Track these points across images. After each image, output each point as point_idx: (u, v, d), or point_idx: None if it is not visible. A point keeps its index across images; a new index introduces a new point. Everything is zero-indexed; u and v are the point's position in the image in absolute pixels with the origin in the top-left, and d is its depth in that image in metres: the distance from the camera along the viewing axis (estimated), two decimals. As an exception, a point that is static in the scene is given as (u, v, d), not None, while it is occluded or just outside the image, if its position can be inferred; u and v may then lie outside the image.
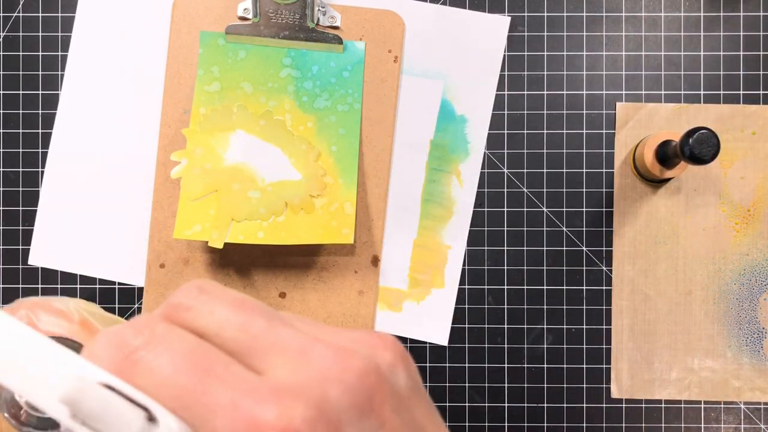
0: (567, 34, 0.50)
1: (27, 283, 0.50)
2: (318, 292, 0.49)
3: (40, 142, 0.50)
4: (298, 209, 0.48)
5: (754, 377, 0.50)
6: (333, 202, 0.48)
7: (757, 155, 0.50)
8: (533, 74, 0.50)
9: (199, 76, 0.49)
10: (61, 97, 0.50)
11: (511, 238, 0.50)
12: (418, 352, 0.50)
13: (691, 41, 0.50)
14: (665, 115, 0.50)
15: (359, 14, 0.49)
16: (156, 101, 0.50)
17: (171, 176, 0.47)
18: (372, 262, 0.49)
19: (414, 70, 0.50)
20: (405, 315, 0.50)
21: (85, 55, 0.50)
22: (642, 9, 0.50)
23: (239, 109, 0.48)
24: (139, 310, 0.50)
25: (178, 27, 0.49)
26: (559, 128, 0.50)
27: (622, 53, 0.50)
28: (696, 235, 0.50)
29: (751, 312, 0.50)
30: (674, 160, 0.45)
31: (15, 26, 0.50)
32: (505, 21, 0.50)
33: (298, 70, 0.49)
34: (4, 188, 0.50)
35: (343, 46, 0.49)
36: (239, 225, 0.47)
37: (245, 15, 0.49)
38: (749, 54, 0.50)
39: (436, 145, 0.50)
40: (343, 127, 0.49)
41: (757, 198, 0.50)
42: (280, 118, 0.49)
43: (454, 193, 0.50)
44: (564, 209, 0.50)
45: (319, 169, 0.48)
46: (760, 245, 0.50)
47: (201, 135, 0.48)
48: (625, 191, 0.50)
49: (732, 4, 0.50)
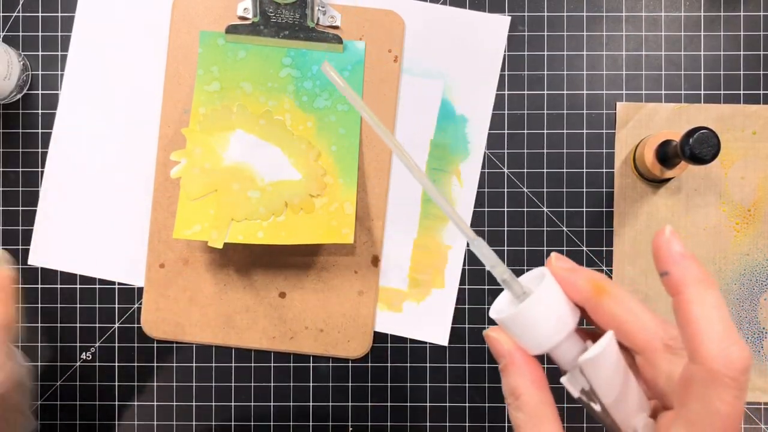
0: (567, 34, 0.50)
1: (27, 283, 0.50)
2: (318, 292, 0.49)
3: (40, 142, 0.50)
4: (298, 209, 0.47)
5: (754, 377, 0.50)
6: (333, 201, 0.48)
7: (758, 155, 0.50)
8: (533, 74, 0.50)
9: (198, 76, 0.49)
10: (60, 97, 0.50)
11: (511, 238, 0.50)
12: (418, 352, 0.50)
13: (691, 41, 0.50)
14: (665, 114, 0.50)
15: (359, 14, 0.49)
16: (156, 101, 0.50)
17: (171, 176, 0.47)
18: (372, 262, 0.49)
19: (414, 69, 0.50)
20: (405, 315, 0.50)
21: (85, 55, 0.50)
22: (642, 9, 0.50)
23: (239, 109, 0.48)
24: (139, 310, 0.50)
25: (178, 27, 0.49)
26: (560, 128, 0.50)
27: (622, 53, 0.50)
28: (696, 235, 0.50)
29: (752, 312, 0.50)
30: (674, 160, 0.45)
31: (15, 26, 0.50)
32: (505, 21, 0.50)
33: (298, 70, 0.49)
34: (3, 188, 0.50)
35: (343, 45, 0.49)
36: (239, 225, 0.47)
37: (245, 15, 0.49)
38: (749, 54, 0.50)
39: (436, 145, 0.50)
40: (343, 127, 0.49)
41: (757, 198, 0.50)
42: (280, 117, 0.48)
43: (454, 193, 0.50)
44: (564, 209, 0.50)
45: (319, 169, 0.48)
46: (760, 245, 0.50)
47: (200, 135, 0.48)
48: (626, 191, 0.50)
49: (732, 4, 0.50)
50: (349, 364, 0.50)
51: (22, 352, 0.47)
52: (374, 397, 0.50)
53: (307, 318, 0.49)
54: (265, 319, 0.49)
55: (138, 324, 0.50)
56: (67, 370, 0.50)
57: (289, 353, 0.50)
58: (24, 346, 0.50)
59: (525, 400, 0.27)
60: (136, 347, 0.50)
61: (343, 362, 0.50)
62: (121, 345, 0.50)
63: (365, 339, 0.50)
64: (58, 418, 0.50)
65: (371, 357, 0.50)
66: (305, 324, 0.49)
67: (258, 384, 0.50)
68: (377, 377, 0.50)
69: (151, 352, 0.50)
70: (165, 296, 0.49)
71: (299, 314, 0.49)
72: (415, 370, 0.50)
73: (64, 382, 0.50)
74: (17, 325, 0.39)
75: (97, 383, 0.50)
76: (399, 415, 0.50)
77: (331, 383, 0.50)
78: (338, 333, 0.50)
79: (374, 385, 0.50)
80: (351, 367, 0.50)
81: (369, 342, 0.50)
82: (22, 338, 0.50)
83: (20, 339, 0.50)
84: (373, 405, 0.50)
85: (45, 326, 0.50)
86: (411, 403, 0.50)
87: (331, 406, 0.50)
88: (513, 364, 0.27)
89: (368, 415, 0.50)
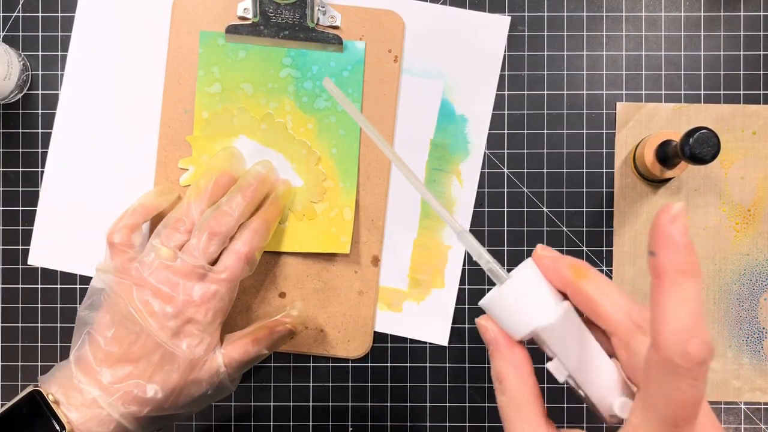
0: (567, 34, 0.50)
1: (27, 283, 0.50)
2: (318, 292, 0.49)
3: (39, 142, 0.50)
4: (301, 215, 0.48)
5: (754, 377, 0.50)
6: (333, 207, 0.48)
7: (758, 155, 0.50)
8: (533, 74, 0.50)
9: (199, 77, 0.49)
10: (60, 97, 0.50)
11: (511, 238, 0.50)
12: (418, 352, 0.50)
13: (691, 41, 0.50)
14: (665, 114, 0.50)
15: (359, 14, 0.49)
16: (156, 101, 0.50)
17: (180, 183, 0.49)
18: (372, 262, 0.49)
19: (414, 69, 0.50)
20: (405, 315, 0.50)
21: (85, 55, 0.50)
22: (642, 9, 0.50)
23: (240, 112, 0.48)
24: (139, 310, 0.50)
25: (178, 27, 0.49)
26: (560, 128, 0.50)
27: (622, 53, 0.50)
28: (696, 235, 0.50)
29: (752, 312, 0.50)
30: (674, 160, 0.45)
31: (15, 26, 0.50)
32: (505, 21, 0.50)
33: (298, 70, 0.49)
34: (3, 188, 0.50)
35: (343, 45, 0.49)
36: None
37: (245, 15, 0.49)
38: (749, 54, 0.50)
39: (436, 145, 0.50)
40: (343, 128, 0.49)
41: (757, 198, 0.50)
42: (281, 120, 0.49)
43: (454, 193, 0.50)
44: (564, 209, 0.50)
45: (319, 174, 0.48)
46: (760, 245, 0.50)
47: (205, 142, 0.48)
48: (626, 191, 0.50)
49: (732, 4, 0.50)
50: (349, 364, 0.50)
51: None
52: (374, 397, 0.50)
53: (307, 318, 0.49)
54: (265, 319, 0.49)
55: (138, 324, 0.50)
56: (67, 370, 0.50)
57: (289, 353, 0.50)
58: (24, 346, 0.50)
59: (507, 384, 0.28)
60: (136, 347, 0.50)
61: (343, 362, 0.50)
62: (121, 345, 0.50)
63: (365, 339, 0.50)
64: (58, 418, 0.50)
65: (371, 357, 0.50)
66: (305, 324, 0.49)
67: (258, 384, 0.50)
68: (377, 377, 0.50)
69: (151, 352, 0.50)
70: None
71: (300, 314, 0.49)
72: (415, 370, 0.50)
73: (64, 382, 0.50)
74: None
75: (97, 383, 0.50)
76: (399, 415, 0.50)
77: (331, 383, 0.50)
78: (338, 333, 0.50)
79: (374, 385, 0.50)
80: (351, 367, 0.50)
81: (369, 342, 0.50)
82: (21, 338, 0.50)
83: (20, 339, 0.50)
84: (373, 405, 0.50)
85: (45, 326, 0.50)
86: (411, 403, 0.50)
87: (331, 406, 0.50)
88: (497, 349, 0.29)
89: (368, 415, 0.50)
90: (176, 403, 0.41)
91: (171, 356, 0.40)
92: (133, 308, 0.40)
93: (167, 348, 0.40)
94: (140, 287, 0.41)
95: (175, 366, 0.41)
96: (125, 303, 0.40)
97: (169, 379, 0.40)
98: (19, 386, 0.50)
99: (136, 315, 0.40)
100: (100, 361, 0.40)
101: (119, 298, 0.41)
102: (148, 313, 0.40)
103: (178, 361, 0.41)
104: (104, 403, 0.39)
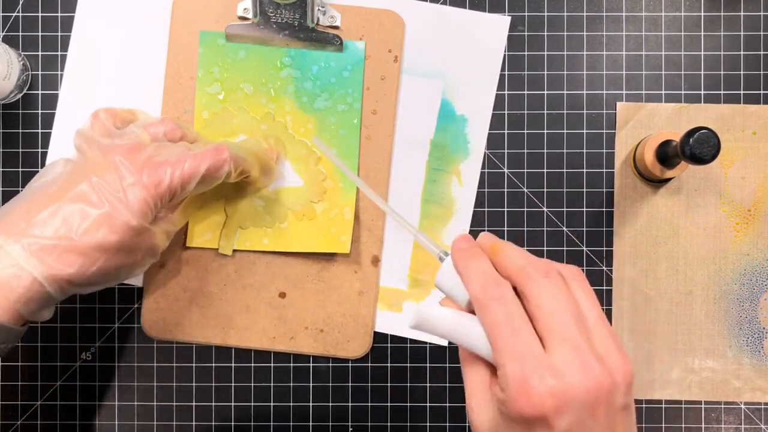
0: (567, 34, 0.50)
1: (27, 283, 0.50)
2: (318, 292, 0.49)
3: (40, 142, 0.50)
4: (301, 215, 0.48)
5: (754, 377, 0.50)
6: (333, 207, 0.48)
7: (758, 155, 0.50)
8: (533, 74, 0.50)
9: (199, 77, 0.49)
10: (60, 97, 0.50)
11: (511, 238, 0.50)
12: (418, 352, 0.50)
13: (691, 41, 0.50)
14: (666, 114, 0.50)
15: (359, 14, 0.49)
16: (156, 101, 0.50)
17: None
18: (372, 262, 0.49)
19: (414, 69, 0.50)
20: (405, 315, 0.50)
21: (85, 54, 0.50)
22: (642, 9, 0.50)
23: (240, 112, 0.48)
24: (139, 310, 0.50)
25: (178, 27, 0.49)
26: (560, 128, 0.50)
27: (622, 53, 0.50)
28: (696, 235, 0.50)
29: (752, 312, 0.50)
30: (675, 159, 0.45)
31: (15, 26, 0.50)
32: (505, 21, 0.50)
33: (298, 70, 0.49)
34: (3, 188, 0.50)
35: (343, 45, 0.49)
36: (246, 232, 0.48)
37: (245, 15, 0.49)
38: (750, 54, 0.50)
39: (436, 144, 0.50)
40: (343, 128, 0.49)
41: (757, 198, 0.50)
42: (281, 120, 0.49)
43: (454, 193, 0.50)
44: (564, 209, 0.50)
45: (319, 174, 0.49)
46: (760, 245, 0.50)
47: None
48: (626, 191, 0.50)
49: (732, 4, 0.50)
50: (349, 365, 0.50)
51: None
52: (374, 397, 0.50)
53: (307, 318, 0.49)
54: (265, 319, 0.49)
55: (138, 324, 0.50)
56: (67, 370, 0.50)
57: (289, 353, 0.50)
58: (24, 346, 0.50)
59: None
60: (136, 347, 0.50)
61: (343, 362, 0.50)
62: (121, 345, 0.50)
63: (365, 339, 0.50)
64: (58, 418, 0.50)
65: (371, 357, 0.50)
66: (305, 324, 0.49)
67: (258, 384, 0.50)
68: (377, 377, 0.50)
69: (151, 352, 0.50)
70: (165, 296, 0.49)
71: (299, 314, 0.49)
72: (415, 370, 0.50)
73: (63, 382, 0.50)
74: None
75: (97, 383, 0.50)
76: (399, 415, 0.50)
77: (331, 383, 0.50)
78: (338, 333, 0.50)
79: (374, 385, 0.50)
80: (351, 367, 0.50)
81: (369, 342, 0.50)
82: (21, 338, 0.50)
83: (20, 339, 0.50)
84: (373, 405, 0.50)
85: (45, 326, 0.50)
86: (411, 403, 0.50)
87: (331, 406, 0.50)
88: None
89: (368, 415, 0.50)
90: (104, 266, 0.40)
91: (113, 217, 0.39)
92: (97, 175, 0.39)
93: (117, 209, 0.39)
94: (109, 155, 0.40)
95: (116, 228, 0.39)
96: (91, 164, 0.40)
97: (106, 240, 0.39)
98: (19, 386, 0.50)
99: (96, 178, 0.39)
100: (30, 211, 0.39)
101: (85, 158, 0.40)
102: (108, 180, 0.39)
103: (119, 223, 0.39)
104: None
